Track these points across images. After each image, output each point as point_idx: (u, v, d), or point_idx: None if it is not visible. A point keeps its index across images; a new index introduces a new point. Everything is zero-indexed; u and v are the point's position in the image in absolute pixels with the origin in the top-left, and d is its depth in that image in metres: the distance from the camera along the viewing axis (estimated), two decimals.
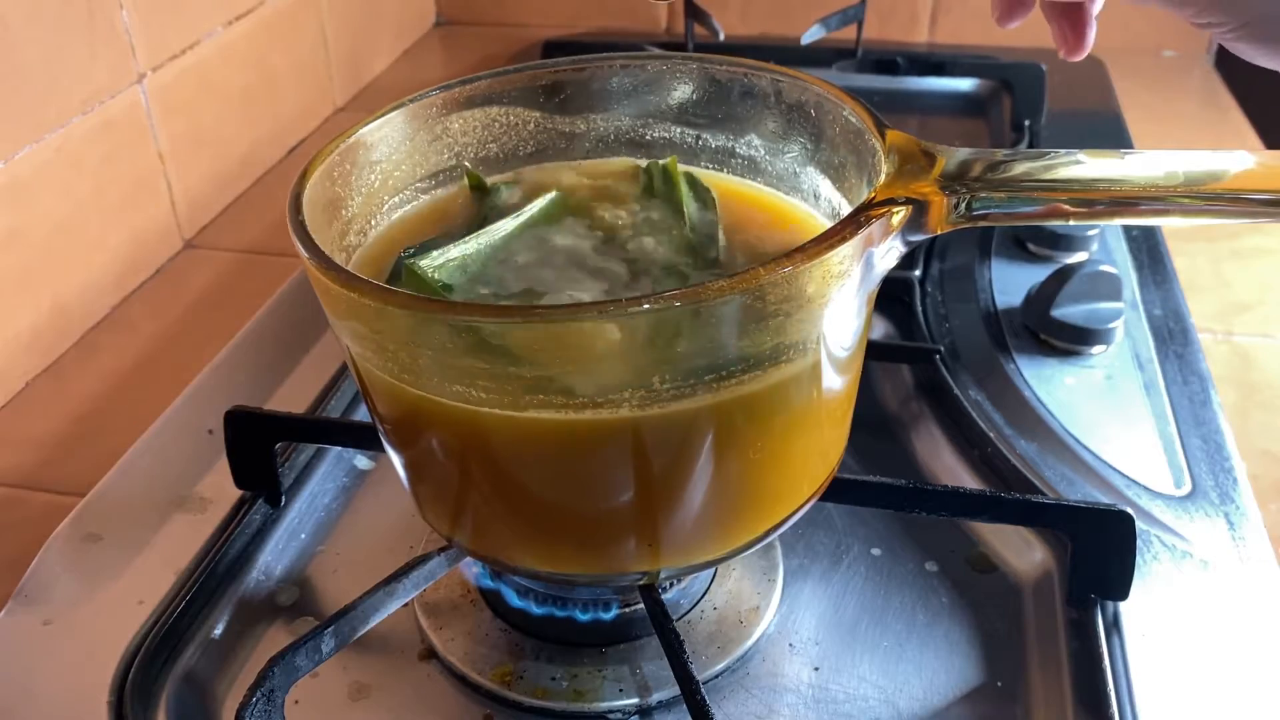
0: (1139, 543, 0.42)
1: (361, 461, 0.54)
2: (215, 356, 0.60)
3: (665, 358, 0.31)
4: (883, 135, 0.35)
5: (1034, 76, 0.87)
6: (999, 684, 0.42)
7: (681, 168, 0.42)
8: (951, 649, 0.43)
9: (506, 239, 0.39)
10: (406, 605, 0.42)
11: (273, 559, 0.48)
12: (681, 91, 0.43)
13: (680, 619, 0.44)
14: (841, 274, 0.31)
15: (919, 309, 0.62)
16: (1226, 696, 0.40)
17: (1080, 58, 0.42)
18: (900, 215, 0.32)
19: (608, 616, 0.43)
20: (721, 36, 0.88)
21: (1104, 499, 0.48)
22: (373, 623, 0.40)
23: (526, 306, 0.30)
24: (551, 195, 0.41)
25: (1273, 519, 0.48)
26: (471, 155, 0.44)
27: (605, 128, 0.45)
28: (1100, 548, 0.42)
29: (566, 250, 0.39)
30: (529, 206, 0.40)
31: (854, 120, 0.37)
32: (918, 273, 0.64)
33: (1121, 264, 0.66)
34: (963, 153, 0.34)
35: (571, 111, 0.44)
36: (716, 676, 0.42)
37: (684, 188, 0.41)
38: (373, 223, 0.42)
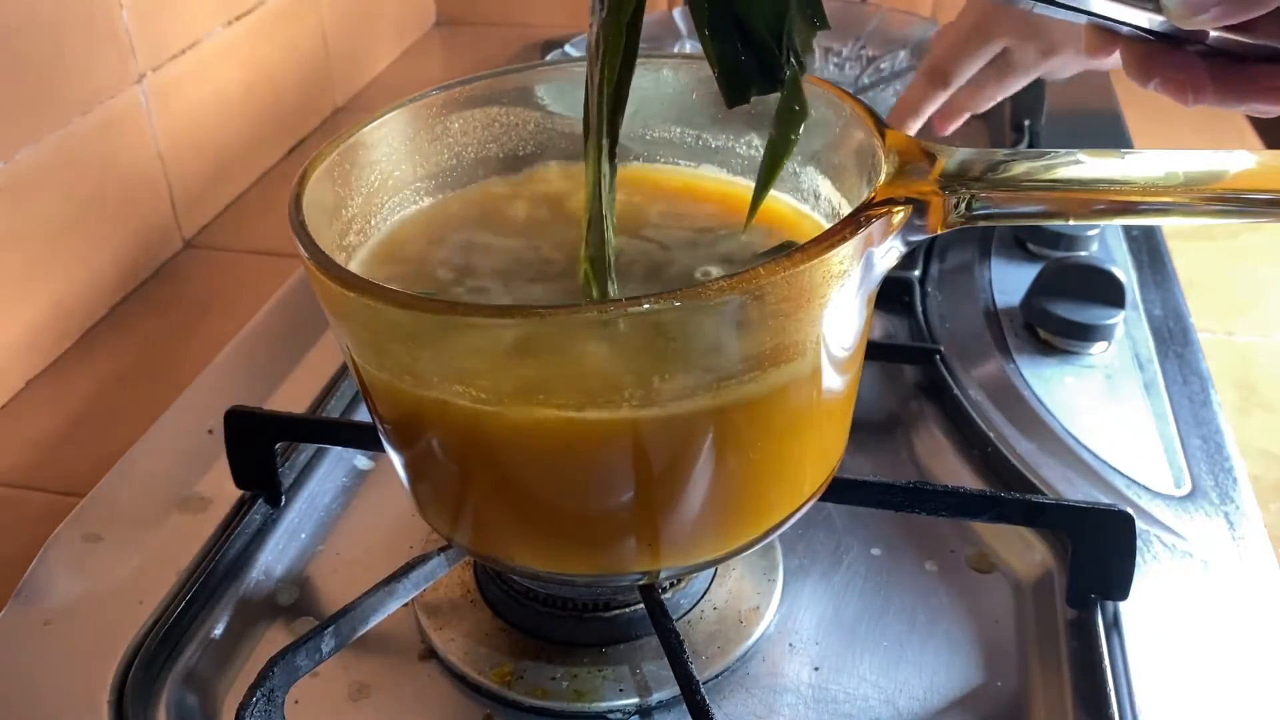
0: (1139, 543, 0.42)
1: (361, 461, 0.54)
2: (215, 356, 0.60)
3: (665, 357, 0.31)
4: (883, 135, 0.35)
5: None
6: (999, 684, 0.42)
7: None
8: (951, 649, 0.43)
9: None
10: (406, 605, 0.42)
11: (273, 559, 0.48)
12: (681, 91, 0.43)
13: (680, 619, 0.44)
14: (841, 274, 0.31)
15: (919, 309, 0.62)
16: (1226, 696, 0.40)
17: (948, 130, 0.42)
18: (900, 215, 0.32)
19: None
20: None
21: (1104, 499, 0.48)
22: (373, 623, 0.40)
23: (525, 306, 0.30)
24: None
25: (1273, 519, 0.48)
26: (471, 155, 0.44)
27: None
28: (1100, 548, 0.42)
29: None
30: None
31: (854, 120, 0.37)
32: (918, 273, 0.64)
33: (1122, 264, 0.65)
34: (963, 153, 0.34)
35: (572, 111, 0.44)
36: (716, 676, 0.42)
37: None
38: (373, 223, 0.42)
